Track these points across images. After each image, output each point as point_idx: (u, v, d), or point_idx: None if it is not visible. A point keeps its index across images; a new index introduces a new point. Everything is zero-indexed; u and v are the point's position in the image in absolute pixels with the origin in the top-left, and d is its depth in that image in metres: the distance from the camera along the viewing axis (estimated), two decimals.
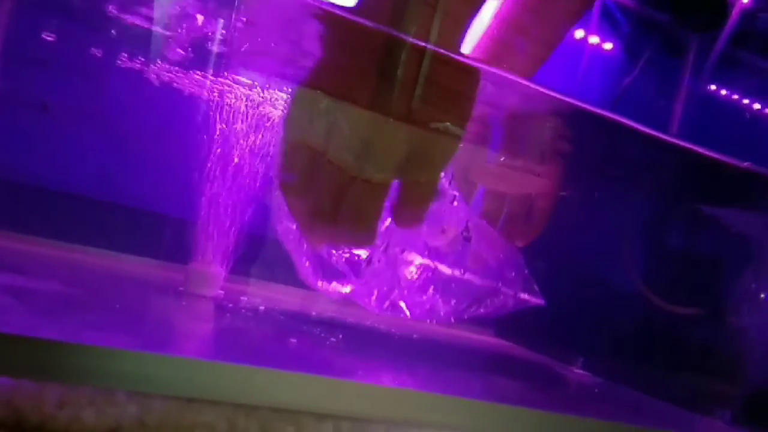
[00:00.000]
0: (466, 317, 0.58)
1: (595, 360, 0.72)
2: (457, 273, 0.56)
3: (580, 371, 0.72)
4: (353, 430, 0.36)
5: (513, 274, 0.58)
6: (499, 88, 0.56)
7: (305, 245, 0.54)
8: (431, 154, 0.48)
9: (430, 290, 0.56)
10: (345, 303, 0.76)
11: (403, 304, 0.56)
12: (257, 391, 0.34)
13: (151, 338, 0.40)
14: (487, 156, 0.62)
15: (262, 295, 0.68)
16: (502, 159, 0.61)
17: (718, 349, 0.65)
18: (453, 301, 0.56)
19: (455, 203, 0.54)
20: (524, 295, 0.58)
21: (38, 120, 0.61)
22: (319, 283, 0.57)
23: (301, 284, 0.73)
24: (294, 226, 0.53)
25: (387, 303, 0.56)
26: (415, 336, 0.70)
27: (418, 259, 0.55)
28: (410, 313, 0.56)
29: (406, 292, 0.55)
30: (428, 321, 0.57)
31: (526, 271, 0.58)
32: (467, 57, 0.51)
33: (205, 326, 0.51)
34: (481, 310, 0.57)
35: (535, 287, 0.59)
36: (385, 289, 0.55)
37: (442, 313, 0.57)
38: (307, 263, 0.55)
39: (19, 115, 0.61)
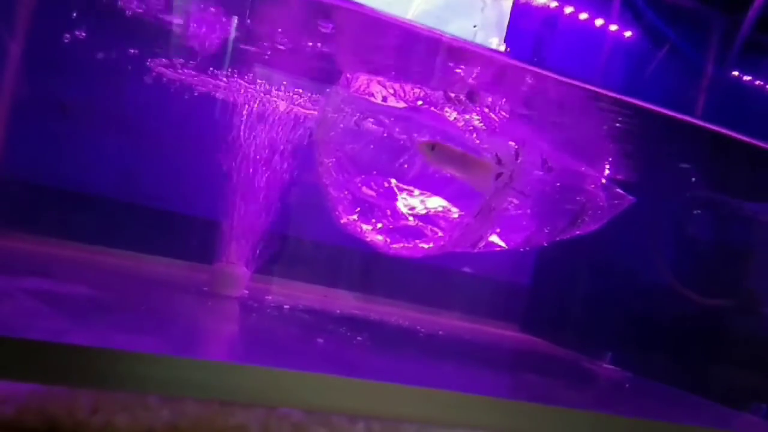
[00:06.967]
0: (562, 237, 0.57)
1: (623, 354, 0.70)
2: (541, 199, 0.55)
3: (609, 366, 0.71)
4: (385, 430, 0.36)
5: (592, 186, 0.57)
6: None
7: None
8: None
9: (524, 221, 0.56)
10: (365, 299, 0.76)
11: (496, 239, 0.56)
12: (289, 394, 0.34)
13: (181, 340, 0.40)
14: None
15: (285, 293, 0.68)
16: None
17: (752, 342, 0.64)
18: (547, 228, 0.56)
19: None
20: (612, 201, 0.57)
21: (60, 122, 0.62)
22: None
23: (320, 281, 0.73)
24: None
25: (482, 243, 0.56)
26: (440, 332, 0.69)
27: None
28: (507, 245, 0.56)
29: (498, 229, 0.55)
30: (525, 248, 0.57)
31: (603, 180, 0.57)
32: None
33: (233, 327, 0.51)
34: (576, 230, 0.57)
35: (618, 190, 0.58)
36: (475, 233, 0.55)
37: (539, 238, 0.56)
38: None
39: (41, 117, 0.61)
